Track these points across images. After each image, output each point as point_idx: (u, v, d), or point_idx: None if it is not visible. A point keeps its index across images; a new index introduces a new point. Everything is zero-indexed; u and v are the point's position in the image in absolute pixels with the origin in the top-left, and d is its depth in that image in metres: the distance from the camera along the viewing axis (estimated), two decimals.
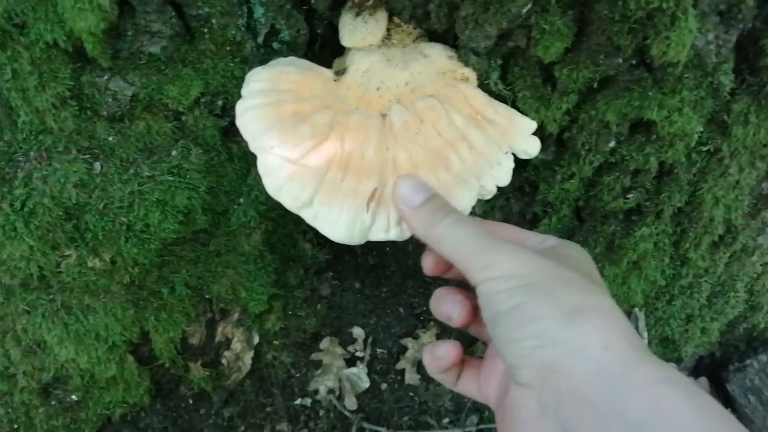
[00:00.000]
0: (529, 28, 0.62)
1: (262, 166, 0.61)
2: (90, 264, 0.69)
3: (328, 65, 0.71)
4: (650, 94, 0.61)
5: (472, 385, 0.54)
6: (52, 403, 0.75)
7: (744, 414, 0.88)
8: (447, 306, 0.53)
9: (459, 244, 0.49)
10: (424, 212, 0.53)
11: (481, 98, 0.66)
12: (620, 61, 0.60)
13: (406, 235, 0.62)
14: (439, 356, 0.52)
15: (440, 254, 0.52)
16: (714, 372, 0.92)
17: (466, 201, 0.62)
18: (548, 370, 0.41)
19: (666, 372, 0.39)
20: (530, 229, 0.80)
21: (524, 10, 0.59)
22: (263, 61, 0.68)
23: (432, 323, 0.92)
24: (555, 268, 0.46)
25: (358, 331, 0.90)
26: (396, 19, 0.70)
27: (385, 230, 0.61)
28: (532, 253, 0.47)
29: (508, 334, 0.43)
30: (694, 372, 0.93)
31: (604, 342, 0.40)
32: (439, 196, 0.55)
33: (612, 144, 0.68)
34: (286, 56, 0.69)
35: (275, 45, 0.71)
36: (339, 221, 0.60)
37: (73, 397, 0.75)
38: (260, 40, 0.68)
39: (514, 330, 0.43)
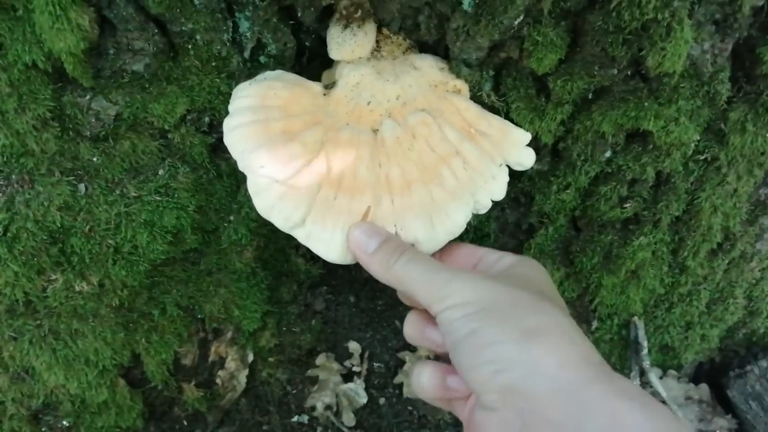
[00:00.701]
0: (522, 39, 0.61)
1: (252, 186, 0.60)
2: (77, 288, 0.67)
3: (317, 78, 0.69)
4: (646, 104, 0.60)
5: (444, 401, 0.54)
6: (43, 429, 0.73)
7: (745, 420, 0.88)
8: (433, 332, 0.53)
9: (416, 280, 0.50)
10: (380, 256, 0.54)
11: (474, 111, 0.65)
12: (615, 71, 0.59)
13: None
14: (453, 388, 0.51)
15: (402, 292, 0.53)
16: (714, 378, 0.91)
17: (461, 217, 0.60)
18: (509, 392, 0.42)
19: (622, 385, 0.41)
20: (527, 240, 0.79)
21: (516, 22, 0.58)
22: (250, 76, 0.66)
23: None
24: (507, 291, 0.47)
25: (354, 346, 0.88)
26: (385, 31, 0.68)
27: None
28: (484, 278, 0.49)
29: (467, 361, 0.45)
30: (694, 378, 0.92)
31: (559, 361, 0.42)
32: (392, 238, 0.56)
33: (608, 154, 0.67)
34: (273, 70, 0.68)
35: (262, 59, 0.69)
36: (333, 240, 0.59)
37: (64, 422, 0.74)
38: (246, 54, 0.67)
39: (473, 356, 0.44)
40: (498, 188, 0.63)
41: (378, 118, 0.64)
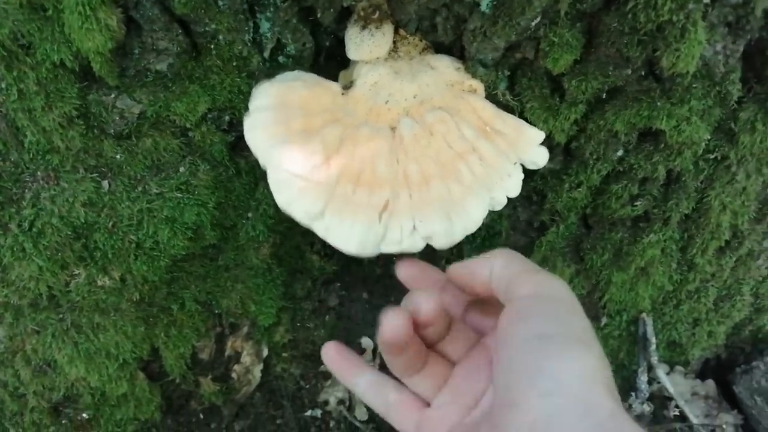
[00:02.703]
0: (538, 40, 0.62)
1: (273, 181, 0.61)
2: (100, 282, 0.69)
3: (334, 77, 0.71)
4: (659, 104, 0.62)
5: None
6: (63, 421, 0.75)
7: (751, 415, 0.89)
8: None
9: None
10: None
11: (489, 110, 0.66)
12: (629, 72, 0.60)
13: (419, 246, 0.62)
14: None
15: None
16: (720, 374, 0.93)
17: (478, 213, 0.62)
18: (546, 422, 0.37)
19: None
20: (538, 237, 0.81)
21: (533, 23, 0.59)
22: (269, 75, 0.67)
23: None
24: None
25: (366, 342, 0.90)
26: (402, 32, 0.69)
27: (398, 242, 0.61)
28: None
29: (526, 367, 0.39)
30: (701, 374, 0.94)
31: (611, 409, 0.37)
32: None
33: (620, 153, 0.69)
34: (292, 70, 0.69)
35: (281, 59, 0.70)
36: (351, 233, 0.60)
37: (84, 415, 0.75)
38: (266, 54, 0.68)
39: (532, 369, 0.39)
40: (513, 185, 0.64)
41: (396, 117, 0.66)
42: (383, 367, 0.90)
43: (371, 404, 0.53)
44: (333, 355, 0.55)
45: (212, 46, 0.65)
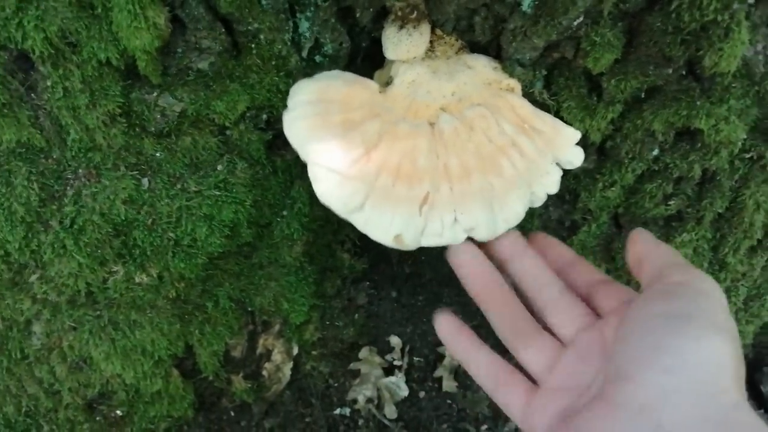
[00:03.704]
0: (578, 40, 0.63)
1: (313, 173, 0.61)
2: (137, 280, 0.69)
3: (370, 78, 0.71)
4: (698, 103, 0.62)
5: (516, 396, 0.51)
6: (97, 418, 0.75)
7: None
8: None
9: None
10: None
11: (527, 108, 0.66)
12: (670, 71, 0.61)
13: (460, 239, 0.62)
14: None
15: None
16: (747, 373, 0.93)
17: (520, 206, 0.62)
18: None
19: None
20: (569, 236, 0.81)
21: (575, 23, 0.60)
22: (306, 75, 0.68)
23: None
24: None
25: (395, 340, 0.90)
26: (438, 31, 0.70)
27: (438, 234, 0.62)
28: None
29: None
30: None
31: (736, 401, 0.37)
32: None
33: (656, 152, 0.69)
34: (328, 69, 0.70)
35: (317, 58, 0.71)
36: (392, 226, 0.60)
37: (118, 412, 0.75)
38: (304, 53, 0.69)
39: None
40: (553, 182, 0.64)
41: (434, 113, 0.66)
42: (411, 367, 0.91)
43: (481, 381, 0.54)
44: (448, 329, 0.55)
45: (253, 45, 0.65)
